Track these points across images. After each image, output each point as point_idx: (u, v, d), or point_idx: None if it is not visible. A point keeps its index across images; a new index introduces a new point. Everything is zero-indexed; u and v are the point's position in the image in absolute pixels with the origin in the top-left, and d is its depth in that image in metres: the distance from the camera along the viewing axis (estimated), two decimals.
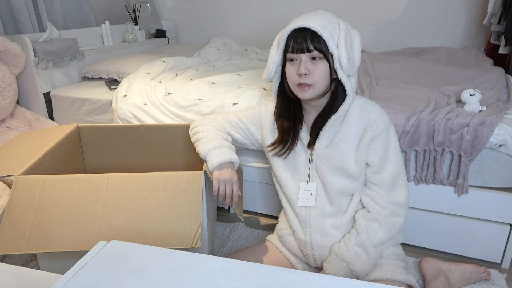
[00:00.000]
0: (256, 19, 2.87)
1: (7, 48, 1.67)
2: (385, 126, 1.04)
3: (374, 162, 1.05)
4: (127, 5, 2.76)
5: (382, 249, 1.07)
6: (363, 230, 1.04)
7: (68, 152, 1.36)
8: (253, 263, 0.56)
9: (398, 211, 1.05)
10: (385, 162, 1.05)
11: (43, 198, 0.99)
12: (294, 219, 1.15)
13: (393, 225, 1.05)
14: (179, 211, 0.98)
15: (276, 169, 1.16)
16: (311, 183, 1.11)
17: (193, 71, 1.92)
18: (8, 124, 1.75)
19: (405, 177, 1.09)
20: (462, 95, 1.29)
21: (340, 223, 1.10)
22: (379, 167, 1.05)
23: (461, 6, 2.33)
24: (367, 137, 1.03)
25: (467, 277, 1.20)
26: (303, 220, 1.13)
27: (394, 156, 1.06)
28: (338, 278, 0.52)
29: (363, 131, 1.05)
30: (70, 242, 0.95)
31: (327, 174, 1.08)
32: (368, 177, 1.07)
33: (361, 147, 1.04)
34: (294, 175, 1.13)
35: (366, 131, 1.04)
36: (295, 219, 1.15)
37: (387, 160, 1.05)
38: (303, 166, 1.12)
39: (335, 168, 1.07)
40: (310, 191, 1.11)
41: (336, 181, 1.07)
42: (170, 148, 1.49)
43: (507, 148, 1.18)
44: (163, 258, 0.57)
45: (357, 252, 1.03)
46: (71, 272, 0.55)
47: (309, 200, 1.11)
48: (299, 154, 1.12)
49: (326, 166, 1.08)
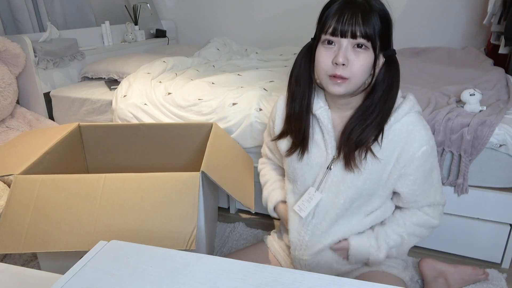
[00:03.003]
0: (256, 19, 2.87)
1: (7, 48, 1.67)
2: (428, 149, 0.88)
3: (405, 193, 0.92)
4: (127, 5, 2.76)
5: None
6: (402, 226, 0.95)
7: (69, 151, 1.36)
8: (253, 263, 0.56)
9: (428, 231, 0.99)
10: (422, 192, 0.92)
11: (41, 197, 0.99)
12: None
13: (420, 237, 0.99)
14: (175, 212, 0.98)
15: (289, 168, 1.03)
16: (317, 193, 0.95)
17: (193, 71, 1.92)
18: (8, 124, 1.75)
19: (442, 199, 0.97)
20: (462, 95, 1.29)
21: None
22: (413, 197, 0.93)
23: (461, 6, 2.33)
24: (404, 159, 0.88)
25: (466, 279, 1.20)
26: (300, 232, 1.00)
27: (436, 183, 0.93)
28: (338, 278, 0.52)
29: (401, 149, 0.88)
30: (66, 242, 0.95)
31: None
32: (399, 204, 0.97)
33: (394, 171, 0.90)
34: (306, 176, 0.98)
35: (404, 151, 0.88)
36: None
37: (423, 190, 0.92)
38: (317, 169, 0.95)
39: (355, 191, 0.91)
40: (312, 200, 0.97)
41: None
42: (171, 147, 1.49)
43: (507, 148, 1.18)
44: (163, 258, 0.57)
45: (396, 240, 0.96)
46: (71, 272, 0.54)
47: (304, 211, 0.97)
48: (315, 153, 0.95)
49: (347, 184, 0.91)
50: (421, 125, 0.88)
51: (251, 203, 1.15)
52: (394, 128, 0.88)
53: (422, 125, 0.89)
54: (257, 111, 1.43)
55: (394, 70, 0.85)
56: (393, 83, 0.85)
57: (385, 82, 0.85)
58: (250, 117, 1.43)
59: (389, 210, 0.99)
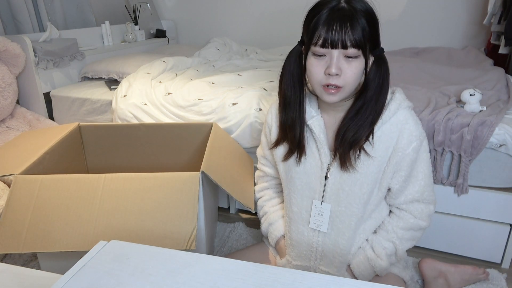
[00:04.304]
0: (256, 19, 2.87)
1: (7, 48, 1.67)
2: (418, 144, 0.89)
3: (395, 189, 0.94)
4: (127, 5, 2.76)
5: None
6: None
7: (69, 151, 1.36)
8: (253, 263, 0.56)
9: (420, 233, 1.00)
10: (408, 184, 0.93)
11: (41, 197, 0.99)
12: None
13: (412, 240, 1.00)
14: (175, 212, 0.98)
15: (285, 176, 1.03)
16: (325, 204, 0.96)
17: (193, 71, 1.92)
18: (8, 124, 1.75)
19: (431, 197, 0.97)
20: (462, 95, 1.29)
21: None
22: (400, 191, 0.94)
23: (461, 6, 2.33)
24: (396, 157, 0.89)
25: (466, 279, 1.20)
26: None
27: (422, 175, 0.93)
28: (338, 278, 0.52)
29: (393, 149, 0.89)
30: (66, 242, 0.95)
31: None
32: (388, 201, 0.99)
33: (388, 169, 0.91)
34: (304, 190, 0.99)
35: (396, 150, 0.89)
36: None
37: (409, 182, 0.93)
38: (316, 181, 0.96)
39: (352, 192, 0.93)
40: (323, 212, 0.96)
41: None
42: (171, 147, 1.49)
43: (507, 148, 1.18)
44: (163, 258, 0.57)
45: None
46: (71, 272, 0.54)
47: (322, 225, 0.97)
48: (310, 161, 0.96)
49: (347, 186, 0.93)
50: (411, 121, 0.89)
51: (251, 203, 1.15)
52: (384, 129, 0.88)
53: (412, 121, 0.89)
54: (257, 111, 1.43)
55: (384, 69, 0.85)
56: (383, 82, 0.85)
57: (376, 81, 0.85)
58: (250, 117, 1.43)
59: (384, 210, 1.00)
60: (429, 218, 0.98)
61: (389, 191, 0.96)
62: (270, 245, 1.17)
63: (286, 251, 1.08)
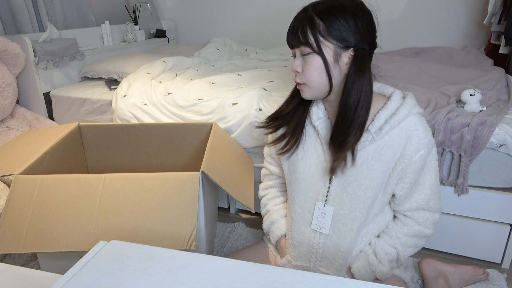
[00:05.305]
0: (256, 19, 2.87)
1: (7, 48, 1.67)
2: (426, 152, 0.89)
3: (400, 195, 0.93)
4: (127, 5, 2.76)
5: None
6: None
7: (69, 151, 1.36)
8: (253, 263, 0.56)
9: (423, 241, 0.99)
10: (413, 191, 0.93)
11: (41, 197, 0.99)
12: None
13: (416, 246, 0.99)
14: (175, 212, 0.98)
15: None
16: (328, 206, 0.96)
17: (193, 71, 1.92)
18: (8, 124, 1.75)
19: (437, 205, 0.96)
20: (462, 95, 1.29)
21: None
22: (405, 197, 0.94)
23: (461, 6, 2.33)
24: (402, 164, 0.89)
25: (467, 279, 1.20)
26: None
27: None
28: (338, 278, 0.52)
29: (400, 155, 0.89)
30: (66, 242, 0.95)
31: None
32: (392, 207, 0.98)
33: (393, 175, 0.90)
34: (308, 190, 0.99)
35: (403, 156, 0.88)
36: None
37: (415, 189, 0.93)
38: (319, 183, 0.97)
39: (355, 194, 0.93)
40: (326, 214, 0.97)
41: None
42: (171, 147, 1.49)
43: (507, 148, 1.18)
44: (163, 258, 0.57)
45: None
46: (71, 272, 0.54)
47: (324, 227, 0.97)
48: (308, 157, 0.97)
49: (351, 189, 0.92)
50: (420, 128, 0.88)
51: (251, 203, 1.15)
52: (392, 134, 0.87)
53: (422, 128, 0.88)
54: (257, 111, 1.43)
55: (360, 63, 0.82)
56: (359, 76, 0.82)
57: (351, 76, 0.83)
58: (250, 117, 1.42)
59: (388, 214, 1.00)
60: (434, 226, 0.97)
61: (393, 197, 0.96)
62: (271, 243, 1.17)
63: (287, 251, 1.09)
